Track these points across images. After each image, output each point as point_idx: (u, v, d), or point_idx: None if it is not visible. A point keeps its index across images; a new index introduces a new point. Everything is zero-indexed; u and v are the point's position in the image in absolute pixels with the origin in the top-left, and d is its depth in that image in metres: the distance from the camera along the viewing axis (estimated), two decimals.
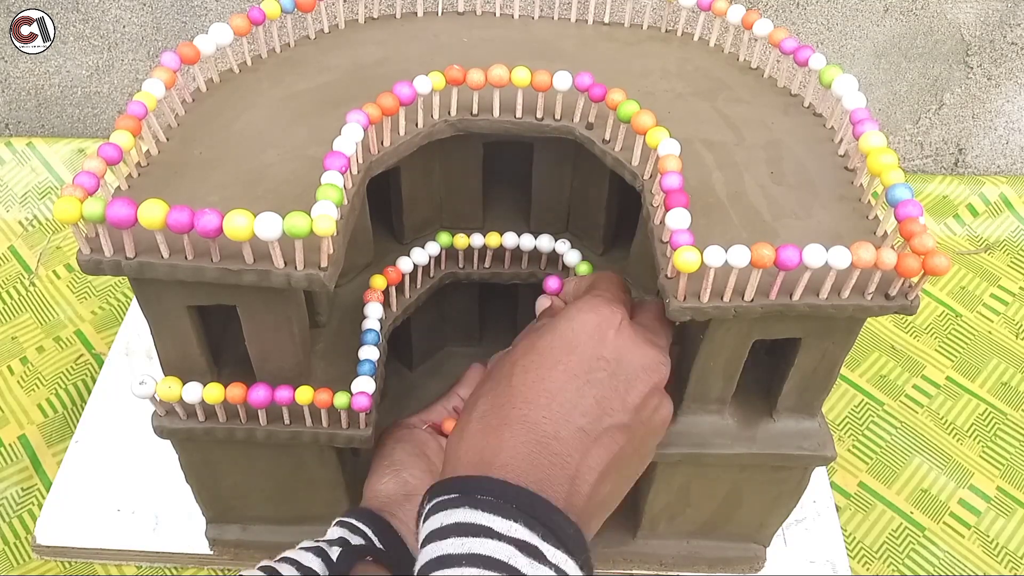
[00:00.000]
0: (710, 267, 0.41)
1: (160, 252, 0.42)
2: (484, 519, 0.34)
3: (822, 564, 0.65)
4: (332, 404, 0.50)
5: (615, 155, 0.51)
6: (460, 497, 0.35)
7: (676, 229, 0.43)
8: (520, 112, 0.52)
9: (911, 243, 0.43)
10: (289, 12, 0.54)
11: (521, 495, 0.35)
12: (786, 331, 0.47)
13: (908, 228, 0.43)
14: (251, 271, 0.42)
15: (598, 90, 0.50)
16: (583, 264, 0.58)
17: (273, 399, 0.49)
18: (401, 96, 0.48)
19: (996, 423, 0.77)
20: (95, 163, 0.43)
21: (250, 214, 0.40)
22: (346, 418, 0.51)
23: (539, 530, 0.34)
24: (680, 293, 0.43)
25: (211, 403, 0.49)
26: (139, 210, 0.40)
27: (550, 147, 0.56)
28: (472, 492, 0.35)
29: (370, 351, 0.53)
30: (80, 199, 0.41)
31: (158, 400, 0.50)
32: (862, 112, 0.49)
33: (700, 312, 0.44)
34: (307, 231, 0.40)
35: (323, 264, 0.42)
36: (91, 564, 0.65)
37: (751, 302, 0.43)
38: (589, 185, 0.58)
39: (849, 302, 0.44)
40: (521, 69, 0.50)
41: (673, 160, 0.46)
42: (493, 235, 0.59)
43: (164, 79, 0.48)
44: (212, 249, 0.42)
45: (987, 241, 0.93)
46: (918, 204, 0.44)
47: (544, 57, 0.56)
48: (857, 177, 0.49)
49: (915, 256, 0.42)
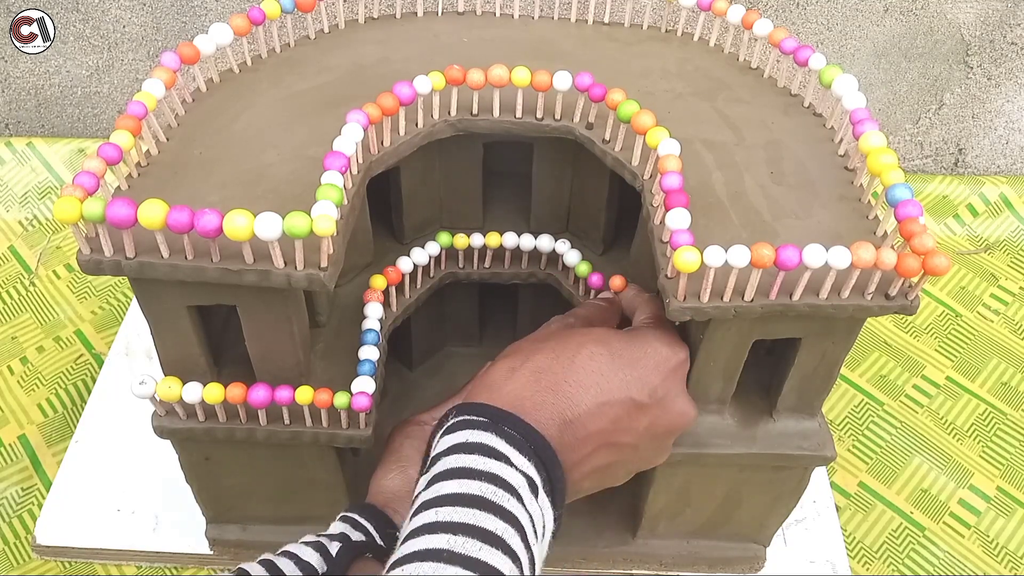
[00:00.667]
0: (710, 267, 0.41)
1: (160, 252, 0.42)
2: (505, 448, 0.39)
3: (822, 564, 0.65)
4: (332, 404, 0.50)
5: (615, 155, 0.51)
6: (489, 424, 0.40)
7: (676, 229, 0.43)
8: (520, 112, 0.52)
9: (911, 243, 0.43)
10: (289, 12, 0.54)
11: (540, 443, 0.40)
12: (786, 331, 0.47)
13: (908, 228, 0.43)
14: (251, 271, 0.42)
15: (598, 90, 0.50)
16: (583, 264, 0.58)
17: (273, 399, 0.49)
18: (401, 96, 0.48)
19: (996, 423, 0.77)
20: (95, 163, 0.43)
21: (250, 214, 0.40)
22: (346, 418, 0.51)
23: (543, 475, 0.39)
24: (680, 293, 0.43)
25: (211, 403, 0.49)
26: (139, 210, 0.40)
27: (550, 147, 0.56)
28: (500, 423, 0.40)
29: (370, 351, 0.53)
30: (80, 199, 0.41)
31: (158, 400, 0.50)
32: (862, 112, 0.49)
33: (700, 312, 0.44)
34: (307, 231, 0.40)
35: (323, 264, 0.42)
36: (91, 564, 0.65)
37: (751, 302, 0.44)
38: (589, 185, 0.58)
39: (849, 302, 0.44)
40: (521, 69, 0.50)
41: (673, 160, 0.46)
42: (493, 235, 0.59)
43: (164, 79, 0.48)
44: (212, 249, 0.42)
45: (987, 241, 0.92)
46: (918, 204, 0.44)
47: (544, 57, 0.56)
48: (857, 177, 0.49)
49: (915, 256, 0.42)
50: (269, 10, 0.53)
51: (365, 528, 0.48)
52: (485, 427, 0.40)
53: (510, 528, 0.36)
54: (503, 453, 0.38)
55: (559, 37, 0.59)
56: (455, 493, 0.37)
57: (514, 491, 0.37)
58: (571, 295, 0.60)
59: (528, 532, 0.37)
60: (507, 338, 0.51)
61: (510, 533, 0.36)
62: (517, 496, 0.37)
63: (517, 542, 0.36)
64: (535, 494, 0.39)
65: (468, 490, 0.37)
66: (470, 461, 0.38)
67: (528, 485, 0.38)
